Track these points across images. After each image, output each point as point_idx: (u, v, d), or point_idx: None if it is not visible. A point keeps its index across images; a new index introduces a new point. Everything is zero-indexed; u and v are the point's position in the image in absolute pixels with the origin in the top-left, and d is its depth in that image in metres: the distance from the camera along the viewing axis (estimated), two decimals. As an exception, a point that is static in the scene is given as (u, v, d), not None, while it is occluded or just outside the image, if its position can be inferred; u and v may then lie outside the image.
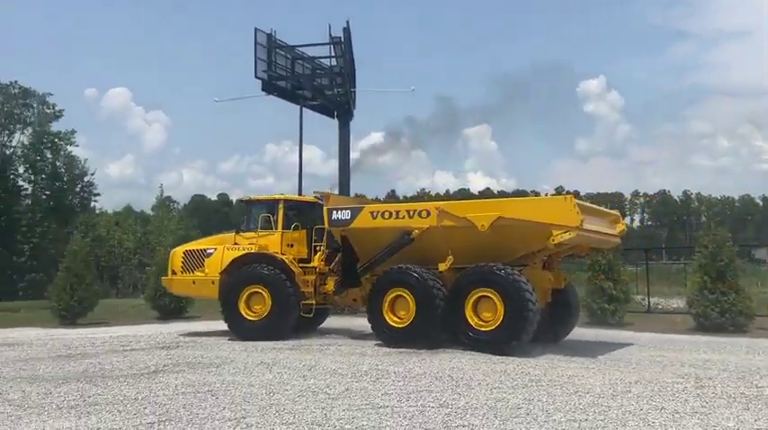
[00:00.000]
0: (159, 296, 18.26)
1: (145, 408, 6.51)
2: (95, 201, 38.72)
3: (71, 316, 17.07)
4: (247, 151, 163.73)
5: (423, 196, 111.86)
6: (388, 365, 9.15)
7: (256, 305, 12.74)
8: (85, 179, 37.05)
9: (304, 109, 25.15)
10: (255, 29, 24.00)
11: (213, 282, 13.30)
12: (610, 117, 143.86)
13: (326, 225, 12.72)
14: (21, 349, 11.43)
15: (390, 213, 12.00)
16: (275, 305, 12.53)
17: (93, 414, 6.30)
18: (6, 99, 33.87)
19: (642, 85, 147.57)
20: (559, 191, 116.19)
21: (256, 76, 24.44)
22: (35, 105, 34.95)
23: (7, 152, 34.03)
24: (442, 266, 11.43)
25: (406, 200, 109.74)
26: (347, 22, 24.78)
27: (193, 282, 13.79)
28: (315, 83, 26.33)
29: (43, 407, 6.63)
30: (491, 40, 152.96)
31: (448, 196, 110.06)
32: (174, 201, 70.74)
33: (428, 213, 11.56)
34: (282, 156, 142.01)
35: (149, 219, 42.65)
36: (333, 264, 13.32)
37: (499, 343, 10.32)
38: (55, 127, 35.28)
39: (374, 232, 12.08)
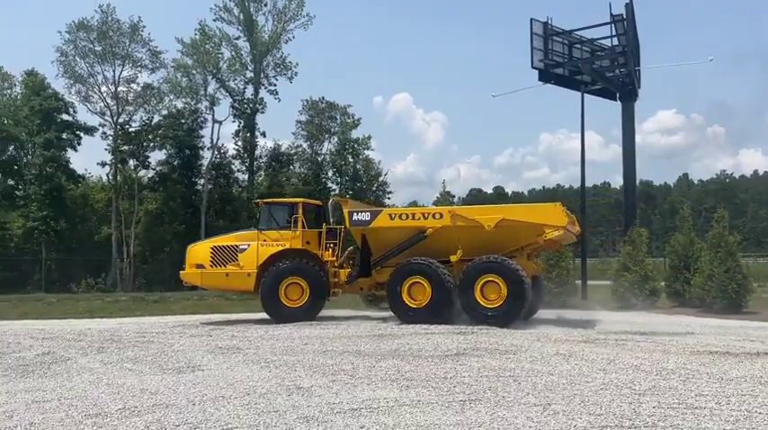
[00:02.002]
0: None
1: (454, 387, 7.09)
2: (389, 198, 42.70)
3: (376, 299, 19.14)
4: (521, 143, 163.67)
5: (723, 179, 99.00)
6: (698, 366, 8.43)
7: (293, 294, 14.59)
8: (380, 179, 41.16)
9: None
10: (531, 19, 24.00)
11: (249, 275, 14.84)
12: None
13: (347, 225, 14.77)
14: (343, 327, 13.27)
15: (407, 215, 14.53)
16: (312, 293, 14.57)
17: (412, 388, 7.08)
18: (317, 113, 39.38)
19: None
20: None
21: (533, 67, 24.41)
22: (338, 116, 39.97)
23: (319, 159, 39.54)
24: (454, 258, 13.91)
25: (702, 184, 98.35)
26: (630, -2, 23.22)
27: (226, 275, 15.08)
28: (594, 66, 25.27)
29: (370, 379, 7.67)
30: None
31: (756, 179, 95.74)
32: (453, 196, 74.10)
33: (441, 215, 14.12)
34: (557, 144, 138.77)
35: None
36: (342, 258, 15.49)
37: (502, 317, 12.98)
38: (354, 134, 39.97)
39: (391, 231, 14.36)
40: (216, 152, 36.98)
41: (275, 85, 36.69)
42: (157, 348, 10.57)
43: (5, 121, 35.77)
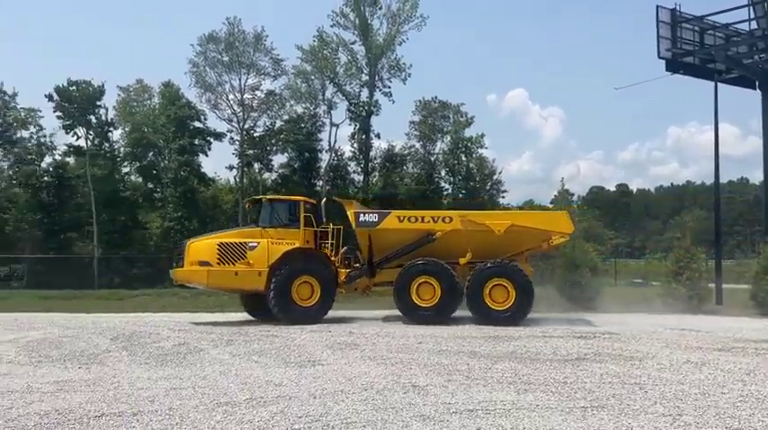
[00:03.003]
0: (569, 286, 18.80)
1: (575, 393, 6.85)
2: (503, 197, 41.91)
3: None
4: (647, 137, 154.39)
5: None
6: None
7: (305, 293, 14.44)
8: (494, 178, 40.53)
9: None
10: (657, 6, 22.72)
11: (260, 274, 14.36)
12: None
13: (354, 226, 14.88)
14: (458, 328, 13.20)
15: (416, 218, 14.87)
16: (323, 293, 14.54)
17: (530, 391, 6.92)
18: (429, 113, 39.48)
19: None
20: None
21: (659, 56, 23.09)
22: (451, 116, 39.81)
23: (432, 159, 39.61)
24: (463, 260, 14.51)
25: None
26: (771, -24, 21.28)
27: (236, 274, 14.43)
28: (729, 52, 23.43)
29: (486, 380, 7.58)
30: None
31: None
32: (572, 194, 71.11)
33: (450, 219, 14.68)
34: (688, 137, 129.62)
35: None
36: (337, 257, 15.34)
37: (511, 318, 13.70)
38: (467, 133, 39.63)
39: (400, 233, 14.70)
40: (333, 154, 38.11)
41: (389, 86, 37.19)
42: (281, 342, 11.09)
43: (146, 129, 39.01)
